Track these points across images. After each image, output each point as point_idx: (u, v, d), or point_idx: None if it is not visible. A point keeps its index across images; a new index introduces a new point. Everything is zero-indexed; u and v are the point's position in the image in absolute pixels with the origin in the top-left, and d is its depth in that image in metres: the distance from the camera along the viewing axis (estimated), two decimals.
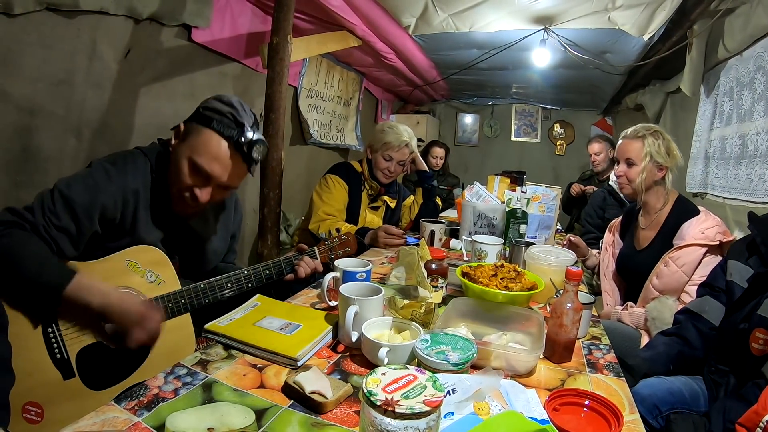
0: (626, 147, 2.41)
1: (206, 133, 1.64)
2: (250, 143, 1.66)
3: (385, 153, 3.13)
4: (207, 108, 1.67)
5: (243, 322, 1.54)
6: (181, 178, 1.67)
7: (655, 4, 3.31)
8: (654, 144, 2.31)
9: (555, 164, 8.43)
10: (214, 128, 1.64)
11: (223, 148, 1.65)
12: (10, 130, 2.30)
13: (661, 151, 2.31)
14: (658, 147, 2.31)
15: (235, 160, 1.68)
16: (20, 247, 1.41)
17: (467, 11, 3.87)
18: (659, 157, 2.31)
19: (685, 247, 2.18)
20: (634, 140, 2.37)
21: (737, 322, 1.62)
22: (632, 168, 2.37)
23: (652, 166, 2.32)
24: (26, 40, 2.28)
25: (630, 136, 2.40)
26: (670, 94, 4.66)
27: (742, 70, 3.03)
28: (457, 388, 1.09)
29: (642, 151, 2.33)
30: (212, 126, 1.64)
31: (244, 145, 1.65)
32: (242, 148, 1.66)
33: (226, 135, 1.64)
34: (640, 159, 2.33)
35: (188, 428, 1.02)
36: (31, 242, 1.44)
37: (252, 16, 3.73)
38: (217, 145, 1.64)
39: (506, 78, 6.48)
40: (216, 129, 1.64)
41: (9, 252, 1.39)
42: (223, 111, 1.66)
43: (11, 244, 1.40)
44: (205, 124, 1.64)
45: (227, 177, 1.70)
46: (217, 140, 1.64)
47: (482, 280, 1.79)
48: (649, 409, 1.63)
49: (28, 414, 1.39)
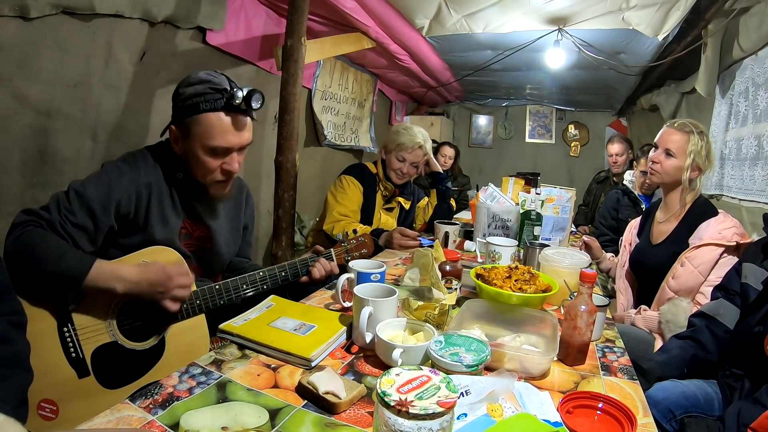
0: (670, 137, 2.35)
1: (201, 117, 1.64)
2: (246, 99, 1.67)
3: (398, 154, 3.13)
4: (185, 98, 1.66)
5: (257, 322, 1.55)
6: (207, 165, 1.70)
7: (669, 4, 3.29)
8: (699, 143, 2.27)
9: (569, 166, 8.40)
10: (205, 110, 1.63)
11: (224, 120, 1.66)
12: (27, 132, 2.33)
13: (702, 153, 2.28)
14: (701, 148, 2.28)
15: (239, 121, 1.69)
16: (39, 242, 1.43)
17: (480, 12, 3.87)
18: (699, 158, 2.28)
19: (701, 247, 2.17)
20: (680, 132, 2.31)
21: (752, 326, 1.60)
22: (669, 159, 2.33)
23: (692, 164, 2.30)
24: (43, 43, 2.30)
25: (677, 127, 2.34)
26: (685, 95, 4.63)
27: (757, 70, 3.01)
28: (471, 389, 1.09)
29: (685, 146, 2.28)
30: (202, 109, 1.63)
31: (241, 105, 1.66)
32: (239, 108, 1.67)
33: (219, 107, 1.64)
34: (681, 153, 2.29)
35: (202, 427, 1.03)
36: (48, 237, 1.47)
37: (266, 19, 3.75)
38: (218, 121, 1.65)
39: (520, 79, 6.48)
40: (207, 109, 1.63)
41: (28, 248, 1.42)
42: (200, 91, 1.64)
43: (30, 241, 1.43)
44: (195, 112, 1.64)
45: (243, 139, 1.73)
46: (215, 116, 1.64)
47: (496, 281, 1.78)
48: (663, 413, 1.61)
49: (43, 411, 1.40)
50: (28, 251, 1.42)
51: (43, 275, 1.41)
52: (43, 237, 1.46)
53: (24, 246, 1.42)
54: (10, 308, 1.21)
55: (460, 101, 8.66)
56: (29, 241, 1.43)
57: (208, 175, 1.73)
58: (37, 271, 1.41)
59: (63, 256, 1.42)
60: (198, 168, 1.71)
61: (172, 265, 1.56)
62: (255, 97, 1.67)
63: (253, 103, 1.68)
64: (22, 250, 1.42)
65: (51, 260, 1.40)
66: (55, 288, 1.43)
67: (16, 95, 2.25)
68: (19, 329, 1.23)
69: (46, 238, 1.46)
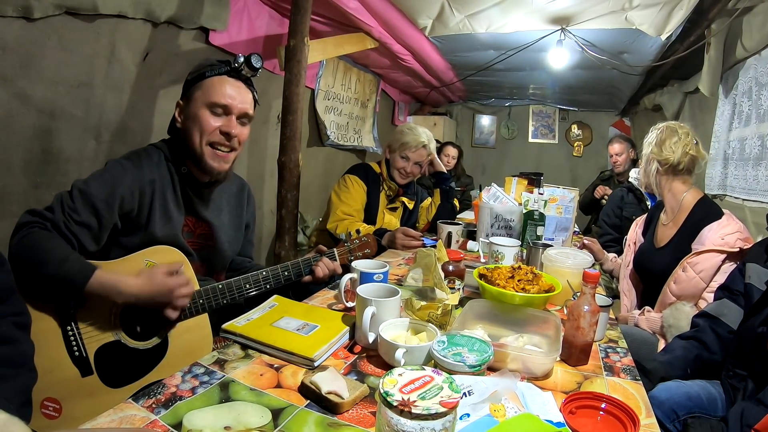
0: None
1: (206, 82, 1.74)
2: (247, 60, 1.77)
3: (402, 153, 3.13)
4: (193, 71, 1.79)
5: (260, 322, 1.55)
6: (205, 126, 1.74)
7: (672, 4, 3.28)
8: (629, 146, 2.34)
9: (572, 166, 8.38)
10: (209, 75, 1.75)
11: (227, 81, 1.75)
12: (31, 132, 2.33)
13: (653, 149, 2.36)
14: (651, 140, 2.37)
15: (240, 86, 1.79)
16: (42, 246, 1.44)
17: (483, 12, 3.87)
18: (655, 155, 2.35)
19: (703, 253, 2.15)
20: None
21: (755, 326, 1.60)
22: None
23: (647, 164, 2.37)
24: (46, 43, 2.30)
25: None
26: (689, 95, 4.62)
27: (761, 70, 3.01)
28: (474, 389, 1.09)
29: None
30: (207, 75, 1.75)
31: (241, 67, 1.77)
32: (240, 73, 1.79)
33: (222, 71, 1.76)
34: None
35: (205, 426, 1.03)
36: (51, 240, 1.47)
37: (269, 19, 3.75)
38: (220, 82, 1.74)
39: (523, 79, 6.47)
40: (212, 74, 1.75)
41: (31, 251, 1.42)
42: (207, 63, 1.78)
43: (33, 244, 1.43)
44: (201, 78, 1.75)
45: (241, 101, 1.78)
46: (218, 79, 1.75)
47: (499, 282, 1.78)
48: (666, 414, 1.61)
49: (46, 409, 1.41)
50: (32, 253, 1.42)
51: (45, 278, 1.41)
52: (47, 239, 1.46)
53: (28, 247, 1.43)
54: (15, 309, 1.22)
55: (463, 101, 8.65)
56: (33, 242, 1.44)
57: (205, 135, 1.74)
58: (39, 274, 1.41)
59: (65, 260, 1.43)
60: (197, 129, 1.74)
61: (174, 277, 1.56)
62: (254, 58, 1.78)
63: (253, 62, 1.78)
64: (26, 251, 1.42)
65: (53, 263, 1.41)
66: (56, 292, 1.44)
67: (19, 95, 2.25)
68: (23, 330, 1.23)
69: (50, 240, 1.47)
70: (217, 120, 1.74)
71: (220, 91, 1.73)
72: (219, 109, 1.74)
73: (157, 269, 1.55)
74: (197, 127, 1.73)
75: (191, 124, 1.75)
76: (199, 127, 1.73)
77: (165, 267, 1.56)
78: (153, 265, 1.59)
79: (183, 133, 1.78)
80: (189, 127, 1.76)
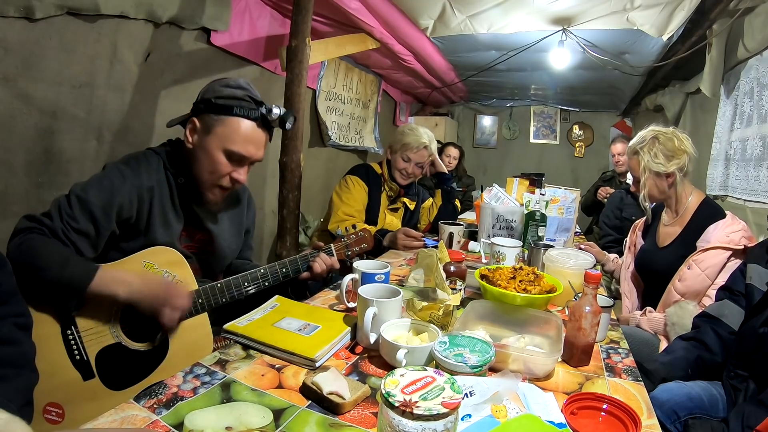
0: (630, 165, 2.46)
1: (231, 120, 1.68)
2: (282, 119, 1.76)
3: (403, 154, 3.13)
4: (220, 97, 1.69)
5: (262, 322, 1.55)
6: (217, 168, 1.72)
7: (673, 4, 3.28)
8: (648, 155, 2.29)
9: (574, 166, 8.38)
10: (238, 114, 1.68)
11: (253, 130, 1.72)
12: (33, 132, 2.34)
13: (659, 159, 2.29)
14: (654, 155, 2.30)
15: (263, 137, 1.77)
16: (42, 250, 1.43)
17: (485, 13, 3.87)
18: (658, 167, 2.29)
19: (708, 250, 2.15)
20: (632, 158, 2.41)
21: (757, 327, 1.59)
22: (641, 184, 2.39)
23: (653, 178, 2.32)
24: (48, 44, 2.31)
25: (629, 154, 2.44)
26: (690, 95, 4.62)
27: (762, 70, 3.01)
28: (475, 390, 1.09)
29: (638, 167, 2.36)
30: (235, 113, 1.68)
31: (274, 122, 1.75)
32: (269, 125, 1.76)
33: (253, 117, 1.70)
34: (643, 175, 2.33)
35: (206, 427, 1.03)
36: (51, 244, 1.47)
37: (270, 19, 3.76)
38: (246, 129, 1.70)
39: (524, 79, 6.47)
40: (240, 114, 1.68)
41: (32, 255, 1.42)
42: (238, 95, 1.70)
43: (33, 248, 1.43)
44: (227, 113, 1.68)
45: (259, 154, 1.77)
46: (246, 124, 1.70)
47: (501, 282, 1.78)
48: (667, 414, 1.61)
49: (49, 414, 1.41)
50: (31, 259, 1.42)
51: (46, 283, 1.41)
52: (46, 244, 1.46)
53: (27, 253, 1.42)
54: (17, 310, 1.22)
55: (465, 102, 8.65)
56: (32, 248, 1.43)
57: (215, 177, 1.73)
58: (40, 279, 1.41)
59: (66, 263, 1.43)
60: (207, 166, 1.72)
61: (174, 285, 1.57)
62: (290, 118, 1.77)
63: (288, 123, 1.77)
64: (25, 257, 1.42)
65: (54, 268, 1.41)
66: (58, 295, 1.44)
67: (21, 96, 2.26)
68: (25, 331, 1.23)
69: (49, 245, 1.46)
70: (229, 165, 1.73)
71: (243, 141, 1.70)
72: (236, 156, 1.72)
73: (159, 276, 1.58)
74: (208, 165, 1.72)
75: (203, 156, 1.72)
76: (211, 166, 1.72)
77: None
78: (152, 266, 1.60)
79: (190, 156, 1.76)
80: (199, 157, 1.73)
